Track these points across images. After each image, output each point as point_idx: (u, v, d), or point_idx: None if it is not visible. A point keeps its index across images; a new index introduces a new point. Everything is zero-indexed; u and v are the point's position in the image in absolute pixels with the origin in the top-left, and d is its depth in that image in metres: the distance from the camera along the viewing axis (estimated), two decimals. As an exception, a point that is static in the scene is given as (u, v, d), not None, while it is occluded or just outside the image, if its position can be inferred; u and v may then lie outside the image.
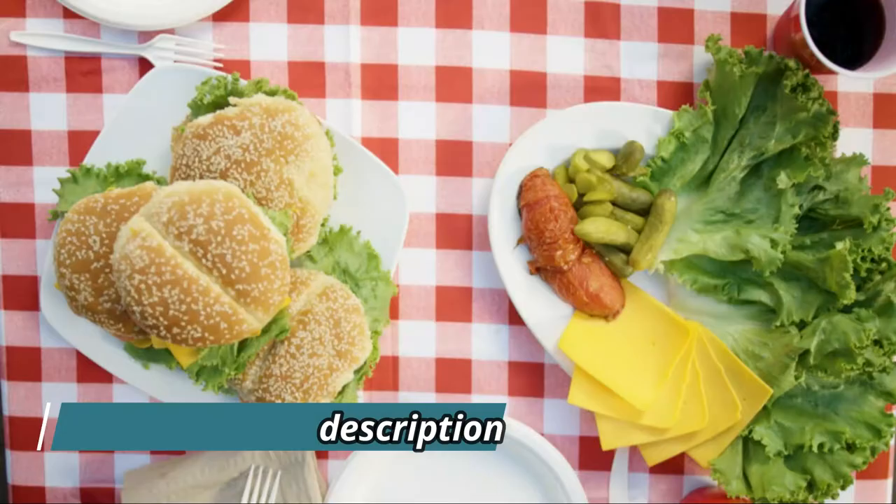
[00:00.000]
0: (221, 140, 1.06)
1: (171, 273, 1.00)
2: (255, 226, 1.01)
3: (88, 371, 1.19)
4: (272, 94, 1.10)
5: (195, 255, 1.00)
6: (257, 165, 1.06)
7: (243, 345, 1.07)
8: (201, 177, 1.06)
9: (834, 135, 1.11)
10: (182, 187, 1.02)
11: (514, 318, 1.19)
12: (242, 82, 1.12)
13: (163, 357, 1.15)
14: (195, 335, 1.02)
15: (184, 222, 1.00)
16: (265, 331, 1.07)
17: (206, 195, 1.01)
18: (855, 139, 1.18)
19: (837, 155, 1.17)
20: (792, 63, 1.11)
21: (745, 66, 1.10)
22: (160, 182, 1.13)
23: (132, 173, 1.14)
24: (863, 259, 1.10)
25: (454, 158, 1.18)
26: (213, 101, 1.10)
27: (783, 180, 1.10)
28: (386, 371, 1.19)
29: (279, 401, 1.09)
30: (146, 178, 1.14)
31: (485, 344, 1.19)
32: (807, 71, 1.10)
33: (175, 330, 1.01)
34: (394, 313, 1.18)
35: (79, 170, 1.13)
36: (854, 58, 1.11)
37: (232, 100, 1.08)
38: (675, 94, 1.18)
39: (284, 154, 1.06)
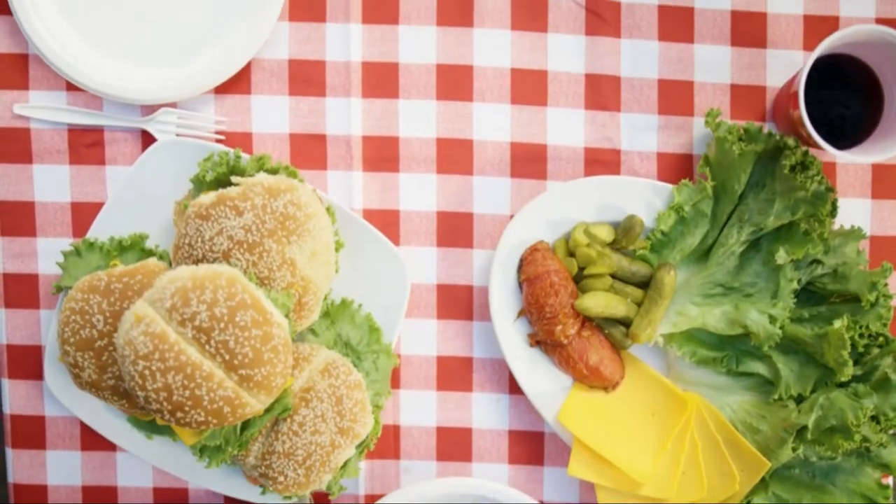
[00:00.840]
0: (224, 221, 1.07)
1: (174, 359, 1.01)
2: (258, 311, 1.02)
3: (92, 440, 1.20)
4: (274, 171, 1.11)
5: (198, 341, 1.01)
6: (259, 246, 1.07)
7: (246, 424, 1.08)
8: (204, 257, 1.07)
9: (833, 212, 1.12)
10: (185, 273, 1.03)
11: (515, 387, 1.20)
12: (244, 157, 1.13)
13: (166, 429, 1.16)
14: (199, 419, 1.03)
15: (187, 309, 1.01)
16: (268, 409, 1.08)
17: (209, 281, 1.02)
18: (853, 209, 1.19)
19: (836, 226, 1.18)
20: (791, 141, 1.11)
21: (745, 144, 1.11)
22: (163, 257, 1.14)
23: (135, 247, 1.15)
24: (860, 336, 1.11)
25: (455, 230, 1.19)
26: (215, 178, 1.11)
27: (782, 256, 1.11)
28: (387, 440, 1.20)
29: (282, 477, 1.10)
30: (149, 253, 1.14)
31: (485, 413, 1.20)
32: (805, 149, 1.11)
33: (179, 414, 1.02)
34: (395, 382, 1.19)
35: (82, 243, 1.14)
36: (852, 134, 1.11)
37: (234, 178, 1.09)
38: (675, 166, 1.18)
39: (286, 234, 1.07)
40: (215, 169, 1.11)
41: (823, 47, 1.05)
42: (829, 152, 1.06)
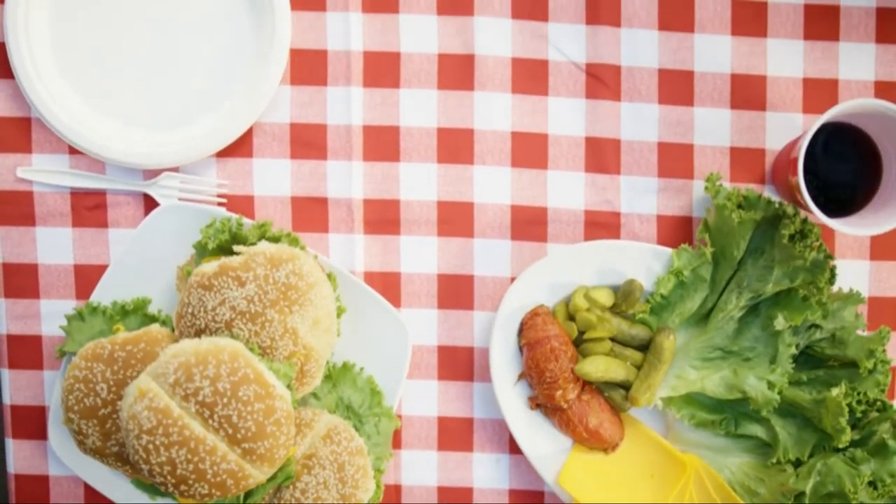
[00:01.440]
0: (226, 292, 1.07)
1: (178, 434, 1.02)
2: (260, 384, 1.03)
3: (96, 500, 1.21)
4: (276, 239, 1.11)
5: (202, 415, 1.02)
6: (262, 316, 1.07)
7: (249, 492, 1.09)
8: (206, 326, 1.08)
9: (831, 279, 1.13)
10: (188, 347, 1.03)
11: (515, 447, 1.21)
12: (247, 222, 1.13)
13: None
14: (202, 492, 1.03)
15: (190, 384, 1.02)
16: (271, 478, 1.09)
17: (212, 356, 1.03)
18: (852, 270, 1.20)
19: (835, 287, 1.18)
20: (789, 209, 1.12)
21: (744, 212, 1.12)
22: (165, 323, 1.14)
23: (138, 311, 1.15)
24: (858, 402, 1.12)
25: (456, 292, 1.19)
26: (217, 245, 1.11)
27: (780, 322, 1.12)
28: (389, 499, 1.21)
29: (284, 543, 1.11)
30: (152, 318, 1.15)
31: (486, 473, 1.21)
32: (804, 217, 1.12)
33: (182, 487, 1.03)
34: (396, 442, 1.20)
35: (85, 308, 1.15)
36: (849, 202, 1.12)
37: (236, 248, 1.10)
38: (675, 228, 1.19)
39: (288, 304, 1.08)
40: (217, 236, 1.12)
41: (823, 118, 1.05)
42: (826, 224, 1.06)
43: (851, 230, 1.06)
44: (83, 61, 1.17)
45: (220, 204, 1.19)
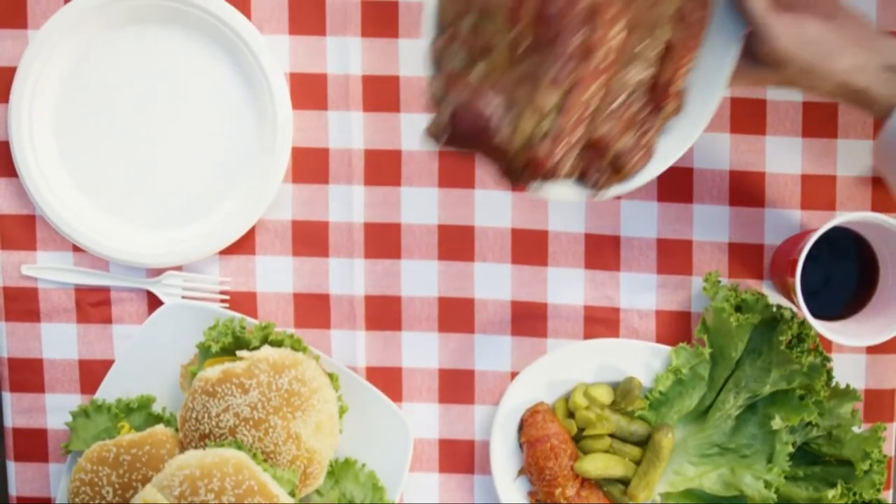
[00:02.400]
0: (230, 398, 1.09)
1: (183, 547, 1.03)
2: (265, 496, 1.05)
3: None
4: (279, 342, 1.13)
5: (206, 528, 1.04)
6: (265, 423, 1.09)
7: None
8: (210, 432, 1.09)
9: (828, 381, 1.14)
10: (193, 460, 1.05)
11: (515, 538, 1.22)
12: (250, 322, 1.15)
13: (174, 585, 1.19)
14: None
15: (195, 497, 1.03)
16: (274, 581, 1.10)
17: (217, 468, 1.04)
18: (848, 364, 1.21)
19: (832, 382, 1.20)
20: (787, 313, 1.13)
21: (742, 316, 1.13)
22: (170, 422, 1.16)
23: (142, 409, 1.17)
24: (854, 503, 1.14)
25: (457, 386, 1.21)
26: (221, 348, 1.13)
27: (777, 422, 1.13)
28: (391, 589, 1.23)
29: None
30: (157, 418, 1.16)
31: (486, 562, 1.22)
32: (801, 320, 1.13)
33: None
34: (398, 533, 1.22)
35: (90, 405, 1.16)
36: (846, 303, 1.13)
37: (239, 353, 1.11)
38: (674, 323, 1.20)
39: (291, 410, 1.09)
40: (221, 339, 1.13)
41: (824, 229, 1.06)
42: (821, 333, 1.08)
43: (848, 340, 1.07)
44: (87, 160, 1.18)
45: (222, 301, 1.20)
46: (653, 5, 0.96)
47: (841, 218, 1.06)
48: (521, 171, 0.93)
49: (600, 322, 1.20)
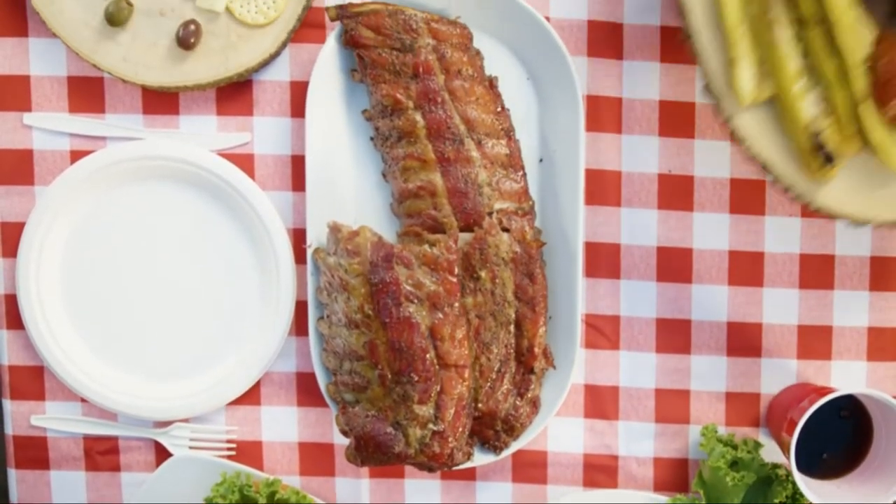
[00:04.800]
0: (237, 563, 1.11)
1: None
2: None
3: None
4: (285, 501, 1.15)
5: None
6: (272, 586, 1.12)
7: None
8: None
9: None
10: None
11: None
12: (257, 475, 1.17)
13: None
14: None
15: None
16: None
17: None
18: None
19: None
20: (781, 472, 1.15)
21: (737, 475, 1.15)
22: (178, 574, 1.19)
23: (151, 560, 1.19)
24: None
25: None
26: (227, 505, 1.15)
27: (773, 576, 1.16)
28: None
29: None
30: (165, 570, 1.19)
31: None
32: (794, 481, 1.15)
33: None
34: None
35: (101, 554, 1.19)
36: (839, 462, 1.16)
37: (246, 514, 1.14)
38: (672, 470, 1.23)
39: (297, 572, 1.12)
40: (227, 496, 1.15)
41: (824, 399, 1.08)
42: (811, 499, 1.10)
43: (839, 505, 1.10)
44: (94, 314, 1.20)
45: (229, 450, 1.22)
46: (490, 293, 1.14)
47: (842, 391, 1.08)
48: (428, 466, 1.13)
49: (599, 469, 1.22)
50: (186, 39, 1.13)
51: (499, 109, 1.15)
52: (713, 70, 1.03)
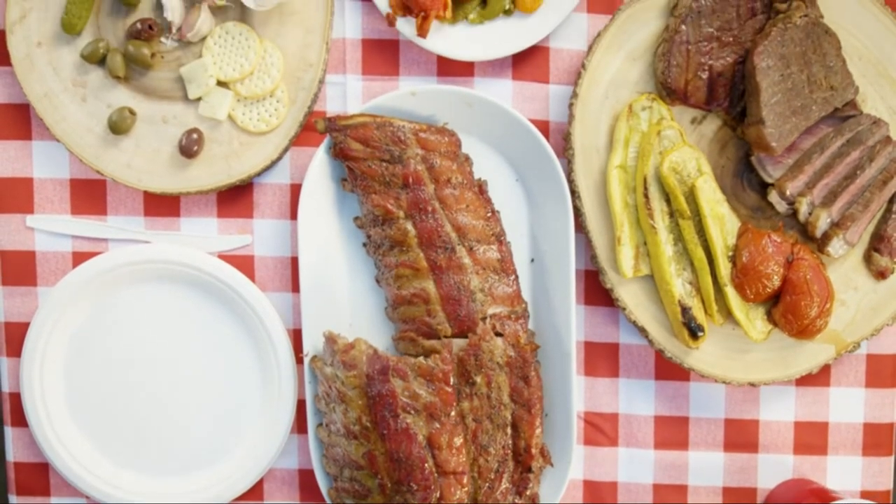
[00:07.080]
0: None
1: None
2: None
3: None
4: None
5: None
6: None
7: None
8: None
9: None
10: None
11: None
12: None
13: None
14: None
15: None
16: None
17: None
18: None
19: None
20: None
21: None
22: None
23: None
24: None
25: None
26: None
27: None
28: None
29: None
30: None
31: None
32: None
33: None
34: None
35: None
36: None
37: None
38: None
39: None
40: None
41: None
42: None
43: None
44: (96, 412, 1.21)
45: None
46: (486, 397, 1.14)
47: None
48: None
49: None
50: (189, 148, 1.14)
51: (489, 214, 1.16)
52: (600, 246, 1.17)
